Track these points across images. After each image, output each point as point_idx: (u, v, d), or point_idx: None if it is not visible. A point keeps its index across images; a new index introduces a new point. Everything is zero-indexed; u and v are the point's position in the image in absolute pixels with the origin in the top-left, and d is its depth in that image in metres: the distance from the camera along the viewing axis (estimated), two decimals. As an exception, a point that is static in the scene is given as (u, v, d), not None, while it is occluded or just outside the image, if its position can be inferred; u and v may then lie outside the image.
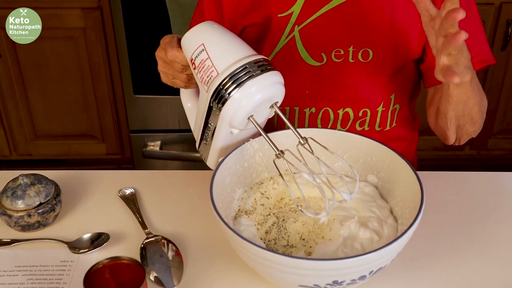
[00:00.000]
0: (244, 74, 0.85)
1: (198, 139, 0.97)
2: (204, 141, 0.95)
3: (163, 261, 0.92)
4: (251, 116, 0.88)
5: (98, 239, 0.96)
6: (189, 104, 1.02)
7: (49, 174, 1.04)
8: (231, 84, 0.85)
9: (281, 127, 1.13)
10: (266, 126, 0.98)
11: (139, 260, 0.87)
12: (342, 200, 0.89)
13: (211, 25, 0.92)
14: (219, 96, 0.86)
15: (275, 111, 0.91)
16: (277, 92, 0.89)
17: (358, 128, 1.15)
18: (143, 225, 0.99)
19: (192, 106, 1.02)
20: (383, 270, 0.81)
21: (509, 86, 2.21)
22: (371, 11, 1.06)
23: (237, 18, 1.10)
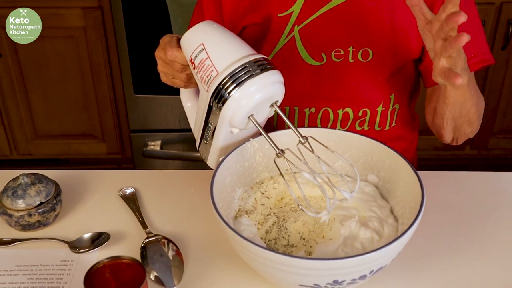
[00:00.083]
0: (244, 74, 0.85)
1: (198, 139, 0.97)
2: (204, 141, 0.95)
3: (164, 261, 0.92)
4: (251, 116, 0.88)
5: (99, 239, 0.96)
6: (189, 104, 1.02)
7: (50, 174, 1.04)
8: (231, 84, 0.85)
9: (281, 127, 1.13)
10: (266, 126, 0.98)
11: (140, 260, 0.87)
12: (343, 199, 0.88)
13: (211, 25, 0.92)
14: (219, 96, 0.86)
15: (275, 111, 0.91)
16: (277, 91, 0.89)
17: (358, 128, 1.15)
18: (144, 225, 1.00)
19: (192, 106, 1.02)
20: (384, 270, 0.81)
21: (510, 86, 2.21)
22: (371, 11, 1.06)
23: (237, 18, 1.10)
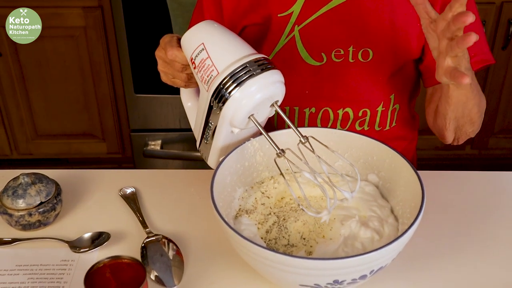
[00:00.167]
0: (245, 73, 0.85)
1: (199, 139, 0.97)
2: (205, 140, 0.95)
3: (164, 260, 0.92)
4: (252, 115, 0.88)
5: (99, 238, 0.96)
6: (189, 104, 1.02)
7: (50, 173, 1.04)
8: (232, 83, 0.85)
9: (281, 127, 1.13)
10: (266, 126, 0.98)
11: (140, 259, 0.87)
12: (344, 199, 0.88)
13: (211, 24, 0.92)
14: (220, 95, 0.86)
15: (276, 110, 0.91)
16: (278, 91, 0.89)
17: (358, 128, 1.15)
18: (144, 224, 1.00)
19: (193, 105, 1.02)
20: (384, 270, 0.81)
21: (510, 86, 2.21)
22: (371, 11, 1.06)
23: (237, 18, 1.10)
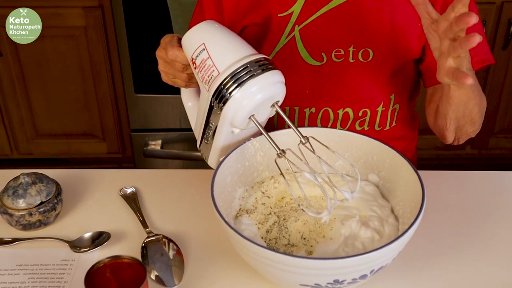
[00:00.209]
0: (245, 74, 0.85)
1: (199, 138, 0.97)
2: (205, 140, 0.95)
3: (164, 260, 0.92)
4: (252, 116, 0.88)
5: (99, 238, 0.97)
6: (190, 103, 1.02)
7: (50, 173, 1.04)
8: (232, 84, 0.85)
9: (281, 126, 1.13)
10: (266, 126, 0.98)
11: (140, 259, 0.87)
12: (344, 199, 0.88)
13: (212, 25, 0.92)
14: (220, 96, 0.86)
15: (276, 111, 0.91)
16: (278, 92, 0.89)
17: (358, 128, 1.15)
18: (144, 224, 1.00)
19: (193, 105, 1.02)
20: (384, 269, 0.81)
21: (510, 85, 2.21)
22: (371, 11, 1.06)
23: (237, 18, 1.10)
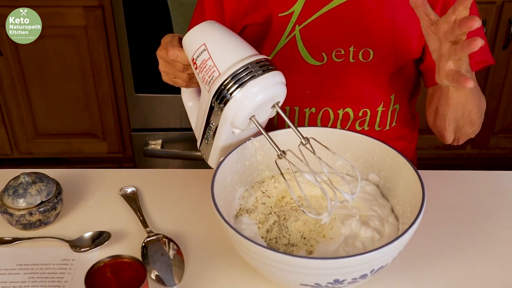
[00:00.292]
0: (246, 74, 0.85)
1: (199, 139, 0.97)
2: (206, 141, 0.95)
3: (164, 260, 0.92)
4: (253, 116, 0.88)
5: (99, 238, 0.97)
6: (190, 103, 1.02)
7: (51, 173, 1.04)
8: (233, 84, 0.85)
9: (282, 127, 1.13)
10: (266, 126, 0.98)
11: (140, 259, 0.87)
12: (344, 200, 0.89)
13: (212, 25, 0.92)
14: (221, 96, 0.86)
15: (277, 111, 0.91)
16: (279, 92, 0.89)
17: (358, 128, 1.15)
18: (144, 224, 1.00)
19: (193, 105, 1.02)
20: (385, 269, 0.81)
21: (511, 85, 2.20)
22: (372, 11, 1.06)
23: (238, 18, 1.10)
